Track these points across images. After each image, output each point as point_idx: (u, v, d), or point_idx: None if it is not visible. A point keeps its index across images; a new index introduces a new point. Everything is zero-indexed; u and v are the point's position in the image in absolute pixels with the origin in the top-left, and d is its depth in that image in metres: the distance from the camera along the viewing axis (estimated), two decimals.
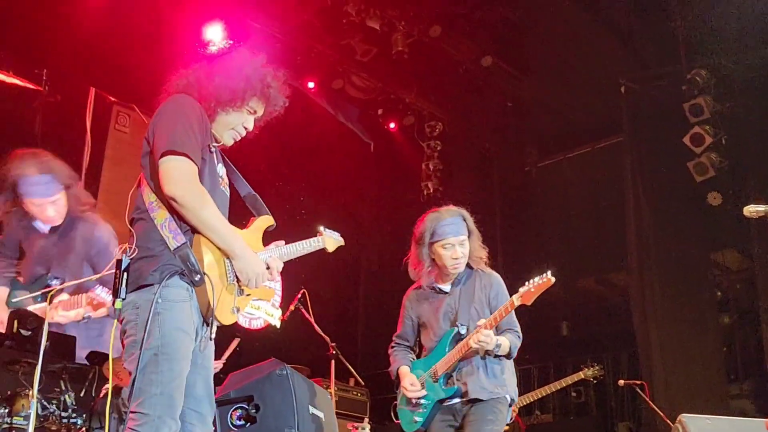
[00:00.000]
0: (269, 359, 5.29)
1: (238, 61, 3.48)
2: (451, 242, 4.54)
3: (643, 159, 8.65)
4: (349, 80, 9.75)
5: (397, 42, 8.93)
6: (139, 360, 3.02)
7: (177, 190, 3.08)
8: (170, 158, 3.11)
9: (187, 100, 3.34)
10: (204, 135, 3.30)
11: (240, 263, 3.25)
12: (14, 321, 5.73)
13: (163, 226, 3.14)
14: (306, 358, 7.72)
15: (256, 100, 3.48)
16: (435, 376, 4.51)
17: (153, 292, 3.06)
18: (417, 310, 4.79)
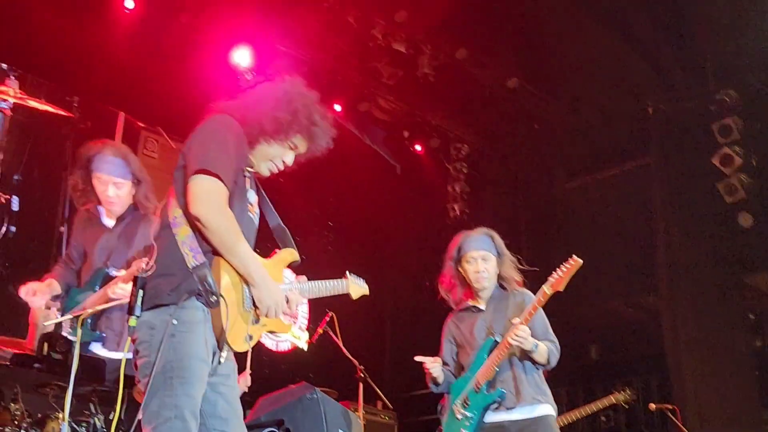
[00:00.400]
0: (299, 383, 5.28)
1: (289, 93, 3.40)
2: (474, 256, 4.67)
3: (672, 180, 8.59)
4: (376, 103, 9.78)
5: (423, 64, 8.96)
6: (152, 381, 2.99)
7: (202, 210, 3.03)
8: (201, 177, 3.06)
9: (228, 121, 3.29)
10: (240, 159, 3.26)
11: (259, 291, 3.19)
12: (44, 344, 5.78)
13: (184, 243, 3.08)
14: (333, 381, 7.70)
15: (300, 136, 3.42)
16: (477, 386, 4.54)
17: (169, 313, 3.02)
18: (455, 332, 4.86)
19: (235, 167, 3.21)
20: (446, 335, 4.92)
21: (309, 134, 3.43)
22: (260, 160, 3.42)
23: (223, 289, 3.07)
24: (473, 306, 4.78)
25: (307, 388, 5.11)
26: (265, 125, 3.32)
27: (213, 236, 3.06)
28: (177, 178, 3.26)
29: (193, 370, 3.00)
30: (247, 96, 3.42)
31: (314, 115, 3.43)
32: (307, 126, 3.40)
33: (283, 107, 3.35)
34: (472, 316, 4.77)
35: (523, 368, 4.56)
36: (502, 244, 4.77)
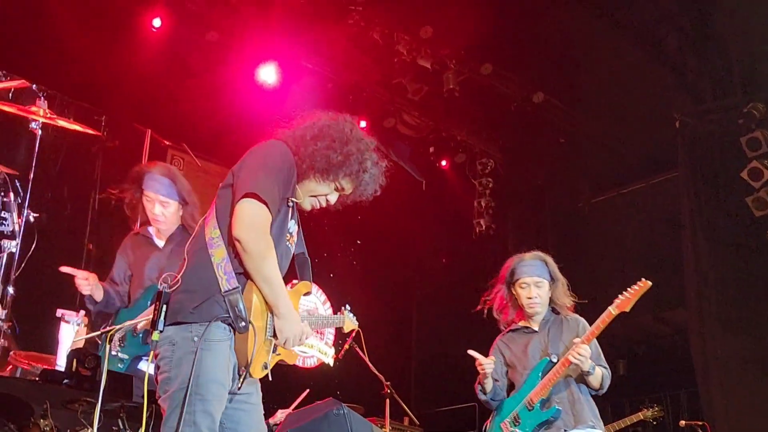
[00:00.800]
0: (326, 399, 5.28)
1: (346, 135, 3.39)
2: (527, 282, 4.73)
3: (700, 194, 8.51)
4: (401, 119, 9.80)
5: (448, 80, 8.96)
6: (172, 399, 3.02)
7: (244, 234, 3.04)
8: (250, 201, 3.07)
9: (283, 149, 3.31)
10: (287, 188, 3.27)
11: (282, 323, 3.19)
12: (73, 360, 5.83)
13: (219, 265, 3.10)
14: (360, 397, 7.69)
15: (348, 179, 3.41)
16: (530, 404, 4.55)
17: (190, 330, 3.04)
18: (505, 351, 4.91)
19: (281, 196, 3.22)
20: (495, 355, 4.93)
21: (357, 179, 3.43)
22: (306, 194, 3.43)
23: (252, 316, 3.09)
24: (526, 327, 4.83)
25: (333, 404, 5.11)
26: (317, 162, 3.32)
27: (250, 261, 3.07)
28: (222, 195, 3.29)
29: (212, 388, 3.02)
30: (306, 128, 3.41)
31: (367, 161, 3.42)
32: (357, 171, 3.40)
33: (337, 148, 3.34)
34: (525, 336, 4.82)
35: (580, 390, 4.60)
36: (556, 268, 4.83)
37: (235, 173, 3.27)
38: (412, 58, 8.77)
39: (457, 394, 9.56)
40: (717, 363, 8.01)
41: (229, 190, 3.24)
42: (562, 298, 4.78)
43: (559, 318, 4.79)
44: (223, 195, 3.27)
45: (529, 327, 4.81)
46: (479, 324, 9.96)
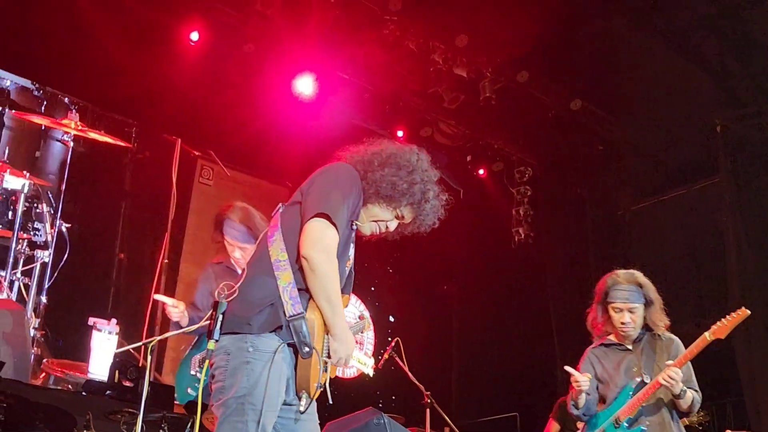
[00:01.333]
0: (366, 408, 5.27)
1: (412, 165, 3.45)
2: (620, 307, 4.68)
3: (743, 199, 8.39)
4: (438, 128, 9.79)
5: (484, 88, 8.94)
6: (226, 407, 3.04)
7: (313, 253, 3.07)
8: (321, 221, 3.10)
9: (353, 173, 3.36)
10: (353, 212, 3.32)
11: (338, 344, 3.22)
12: (115, 371, 5.89)
13: (285, 289, 3.10)
14: (400, 407, 7.67)
15: (410, 208, 3.46)
16: (617, 422, 4.55)
17: (246, 340, 3.07)
18: (597, 367, 4.86)
19: (348, 219, 3.27)
20: (586, 367, 4.89)
21: (418, 209, 3.47)
22: (368, 218, 3.47)
23: (315, 341, 3.11)
24: (619, 344, 4.81)
25: (373, 413, 5.09)
26: (382, 189, 3.38)
27: (316, 281, 3.10)
28: (289, 212, 3.32)
29: (265, 399, 3.03)
30: (373, 154, 3.45)
31: (429, 192, 3.47)
32: (419, 200, 3.44)
33: (403, 176, 3.40)
34: (618, 353, 4.80)
35: (670, 413, 4.60)
36: (652, 290, 4.76)
37: (303, 191, 3.31)
38: (448, 67, 8.76)
39: (498, 404, 9.51)
40: (761, 370, 7.88)
41: (297, 208, 3.27)
42: (658, 318, 4.75)
43: (653, 336, 4.77)
44: (290, 212, 3.30)
45: (622, 344, 4.80)
46: (519, 332, 9.96)
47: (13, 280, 6.77)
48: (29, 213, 6.86)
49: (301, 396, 3.16)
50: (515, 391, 9.54)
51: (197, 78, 8.07)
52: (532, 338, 9.85)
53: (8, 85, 8.21)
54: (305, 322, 3.07)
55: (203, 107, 8.31)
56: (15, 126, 8.20)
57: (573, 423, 6.67)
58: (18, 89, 8.29)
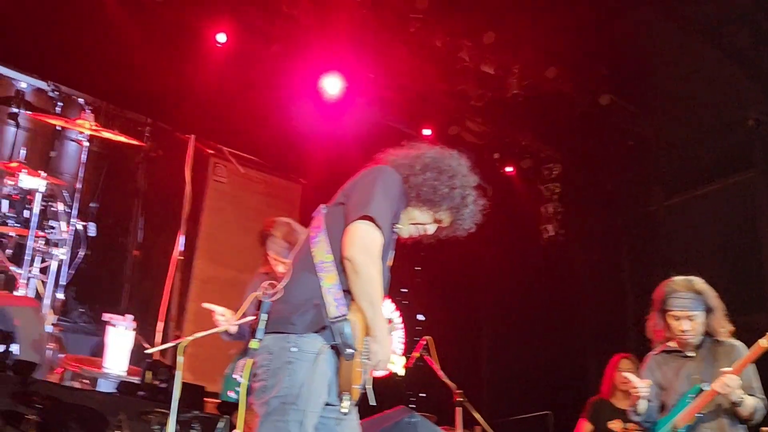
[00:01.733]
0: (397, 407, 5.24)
1: (453, 169, 3.49)
2: (678, 315, 4.64)
3: None
4: (465, 126, 9.75)
5: (512, 85, 8.88)
6: (268, 406, 3.05)
7: (357, 255, 3.07)
8: (366, 223, 3.11)
9: (396, 176, 3.38)
10: (395, 215, 3.34)
11: (378, 347, 3.21)
12: (147, 372, 5.92)
13: (329, 291, 3.11)
14: (431, 406, 7.63)
15: (449, 212, 3.49)
16: (675, 429, 4.53)
17: (288, 340, 3.08)
18: (658, 374, 4.81)
19: (391, 222, 3.29)
20: (648, 375, 4.84)
21: (457, 213, 3.51)
22: (407, 221, 3.50)
23: (357, 342, 3.11)
24: (680, 351, 4.76)
25: (404, 412, 5.08)
26: (423, 192, 3.41)
27: (360, 283, 3.10)
28: (333, 213, 3.32)
29: (307, 399, 3.04)
30: (414, 158, 3.49)
31: (469, 197, 3.52)
32: (458, 204, 3.48)
33: (444, 180, 3.43)
34: (678, 360, 4.75)
35: (730, 421, 4.52)
36: (712, 296, 4.70)
37: (347, 193, 3.33)
38: (474, 64, 8.72)
39: (530, 402, 9.43)
40: None
41: (340, 209, 3.29)
42: (720, 325, 4.68)
43: (714, 342, 4.70)
44: (334, 214, 3.31)
45: (683, 351, 4.74)
46: (549, 330, 9.88)
47: (29, 278, 6.87)
48: (45, 212, 7.00)
49: (343, 398, 3.15)
50: (547, 389, 9.46)
51: (221, 78, 8.11)
52: (562, 336, 9.78)
53: (23, 87, 8.33)
54: (348, 324, 3.07)
55: (224, 106, 8.37)
56: (30, 127, 8.32)
57: (604, 423, 6.61)
58: (33, 91, 8.41)
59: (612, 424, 6.54)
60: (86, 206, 8.17)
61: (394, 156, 3.51)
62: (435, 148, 3.57)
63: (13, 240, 6.92)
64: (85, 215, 7.75)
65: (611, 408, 6.68)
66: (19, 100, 8.23)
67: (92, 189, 8.43)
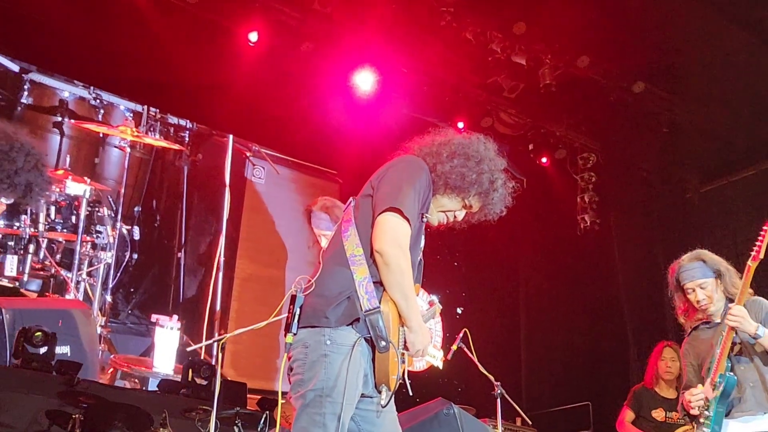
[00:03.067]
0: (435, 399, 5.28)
1: (480, 154, 3.49)
2: (690, 287, 4.69)
3: None
4: (498, 117, 9.73)
5: (544, 75, 8.84)
6: (304, 399, 3.09)
7: (387, 248, 3.11)
8: (393, 215, 3.15)
9: (423, 166, 3.40)
10: (423, 205, 3.35)
11: (414, 336, 3.24)
12: (189, 370, 6.01)
13: (360, 284, 3.15)
14: (470, 398, 7.66)
15: (478, 197, 3.49)
16: (712, 383, 4.48)
17: (323, 333, 3.11)
18: (694, 353, 4.83)
19: (419, 212, 3.31)
20: (686, 359, 4.88)
21: (486, 198, 3.51)
22: (436, 208, 3.51)
23: (391, 334, 3.14)
24: (706, 322, 4.79)
25: (443, 404, 5.10)
26: (451, 179, 3.42)
27: (391, 275, 3.14)
28: (362, 205, 3.36)
29: (342, 392, 3.07)
30: (440, 145, 3.50)
31: (498, 180, 3.52)
32: (487, 189, 3.49)
33: (472, 166, 3.44)
34: (708, 331, 4.77)
35: (762, 359, 4.51)
36: (717, 261, 4.75)
37: (374, 185, 3.35)
38: (506, 55, 8.70)
39: (570, 393, 9.41)
40: None
41: (369, 201, 3.32)
42: (732, 289, 4.67)
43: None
44: (363, 206, 3.35)
45: (709, 321, 4.76)
46: (588, 320, 9.84)
47: (79, 281, 7.02)
48: (91, 217, 7.16)
49: (381, 389, 3.19)
50: (587, 380, 9.43)
51: (255, 78, 8.17)
52: (602, 326, 9.73)
53: (67, 96, 8.49)
54: (381, 317, 3.10)
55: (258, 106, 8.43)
56: (74, 135, 8.49)
57: (647, 411, 6.59)
58: (76, 100, 8.57)
59: (655, 413, 6.53)
60: (130, 210, 8.32)
61: (420, 145, 3.52)
62: (461, 134, 3.58)
63: (62, 246, 7.09)
64: (129, 219, 7.90)
65: (654, 396, 6.68)
66: (63, 109, 8.41)
67: (136, 193, 8.59)
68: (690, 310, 4.80)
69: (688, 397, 4.58)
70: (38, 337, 5.49)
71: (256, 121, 8.74)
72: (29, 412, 5.20)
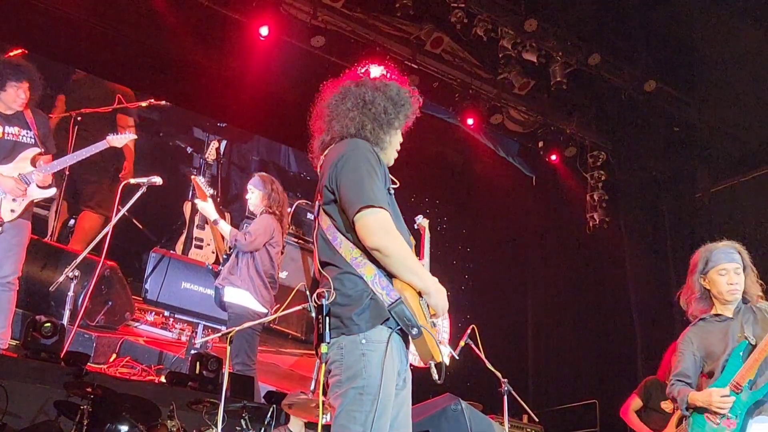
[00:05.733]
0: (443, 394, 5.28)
1: (366, 85, 3.52)
2: (726, 268, 4.61)
3: None
4: (508, 114, 9.72)
5: (555, 73, 8.83)
6: (344, 397, 3.10)
7: (380, 242, 3.14)
8: (367, 212, 3.15)
9: (364, 145, 3.38)
10: (384, 180, 3.36)
11: (435, 299, 3.27)
12: (197, 363, 6.03)
13: (374, 282, 3.17)
14: (477, 395, 7.65)
15: (401, 116, 3.54)
16: (738, 387, 4.43)
17: (357, 333, 3.13)
18: (700, 343, 4.73)
19: (385, 190, 3.32)
20: (688, 348, 4.75)
21: (401, 108, 3.53)
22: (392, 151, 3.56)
23: (417, 317, 3.16)
24: (718, 314, 4.70)
25: (451, 399, 5.11)
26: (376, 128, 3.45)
27: (395, 262, 3.17)
28: (332, 213, 3.34)
29: (381, 388, 3.09)
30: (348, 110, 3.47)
31: (398, 92, 3.52)
32: (395, 104, 3.50)
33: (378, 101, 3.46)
34: (721, 324, 4.68)
35: None
36: (747, 256, 4.70)
37: (332, 188, 3.32)
38: (517, 52, 8.68)
39: (577, 391, 9.40)
40: None
41: (335, 207, 3.32)
42: (753, 288, 4.65)
43: (749, 307, 4.66)
44: (333, 212, 3.33)
45: (722, 315, 4.68)
46: (596, 318, 9.83)
47: None
48: None
49: (430, 366, 3.23)
50: (594, 378, 9.42)
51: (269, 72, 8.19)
52: (609, 324, 9.71)
53: None
54: (405, 306, 3.13)
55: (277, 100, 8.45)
56: None
57: (656, 402, 6.58)
58: None
59: (665, 404, 6.52)
60: None
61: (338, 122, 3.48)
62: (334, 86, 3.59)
63: None
64: None
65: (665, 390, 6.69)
66: None
67: None
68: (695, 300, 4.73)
69: (717, 398, 4.49)
70: (47, 327, 5.51)
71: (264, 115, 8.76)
72: (37, 403, 5.23)
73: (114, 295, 7.57)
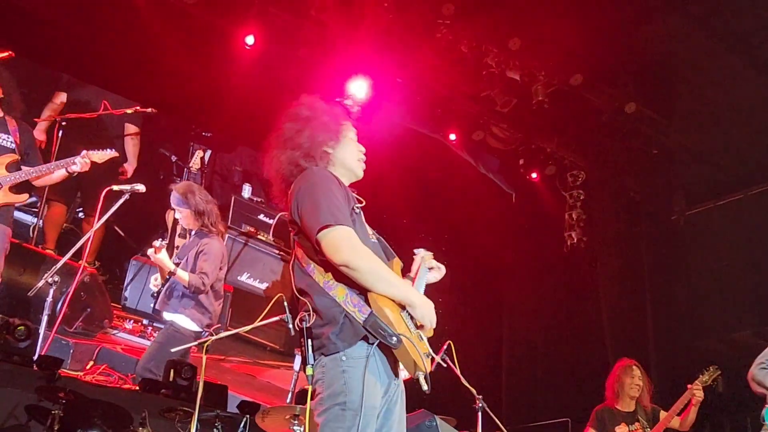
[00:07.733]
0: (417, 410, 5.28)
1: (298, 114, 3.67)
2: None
3: None
4: (490, 131, 9.75)
5: (537, 92, 8.89)
6: (327, 414, 3.14)
7: (346, 257, 3.16)
8: (327, 231, 3.20)
9: (318, 171, 3.46)
10: (346, 200, 3.40)
11: (420, 310, 3.30)
12: (171, 370, 5.99)
13: (346, 302, 3.21)
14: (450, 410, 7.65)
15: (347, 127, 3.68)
16: None
17: (335, 351, 3.18)
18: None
19: (347, 208, 3.35)
20: None
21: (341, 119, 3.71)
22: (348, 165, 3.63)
23: (396, 327, 3.17)
24: None
25: (425, 415, 5.11)
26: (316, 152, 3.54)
27: (364, 275, 3.19)
28: (303, 244, 3.41)
29: (363, 403, 3.11)
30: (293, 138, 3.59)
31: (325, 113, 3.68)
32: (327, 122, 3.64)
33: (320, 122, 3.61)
34: None
35: None
36: None
37: (295, 221, 3.40)
38: (500, 70, 8.73)
39: (550, 408, 9.44)
40: None
41: (302, 237, 3.39)
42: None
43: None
44: (304, 243, 3.40)
45: None
46: (570, 337, 9.88)
47: None
48: None
49: (418, 376, 3.20)
50: (567, 396, 9.46)
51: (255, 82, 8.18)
52: (583, 343, 9.76)
53: None
54: (378, 319, 3.14)
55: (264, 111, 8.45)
56: None
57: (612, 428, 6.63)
58: None
59: (619, 429, 6.57)
60: None
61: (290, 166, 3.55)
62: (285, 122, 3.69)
63: None
64: None
65: (615, 413, 6.74)
66: None
67: None
68: None
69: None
70: (21, 330, 5.47)
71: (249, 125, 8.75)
72: (8, 406, 5.18)
73: (93, 302, 7.53)
